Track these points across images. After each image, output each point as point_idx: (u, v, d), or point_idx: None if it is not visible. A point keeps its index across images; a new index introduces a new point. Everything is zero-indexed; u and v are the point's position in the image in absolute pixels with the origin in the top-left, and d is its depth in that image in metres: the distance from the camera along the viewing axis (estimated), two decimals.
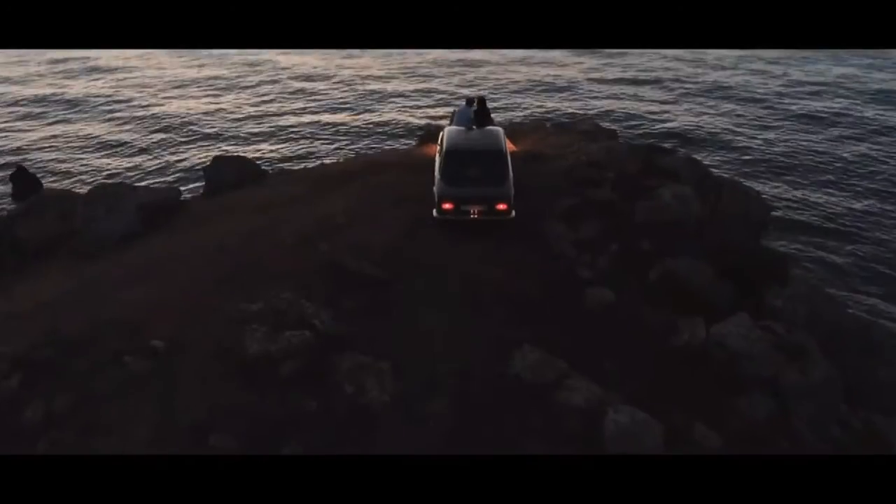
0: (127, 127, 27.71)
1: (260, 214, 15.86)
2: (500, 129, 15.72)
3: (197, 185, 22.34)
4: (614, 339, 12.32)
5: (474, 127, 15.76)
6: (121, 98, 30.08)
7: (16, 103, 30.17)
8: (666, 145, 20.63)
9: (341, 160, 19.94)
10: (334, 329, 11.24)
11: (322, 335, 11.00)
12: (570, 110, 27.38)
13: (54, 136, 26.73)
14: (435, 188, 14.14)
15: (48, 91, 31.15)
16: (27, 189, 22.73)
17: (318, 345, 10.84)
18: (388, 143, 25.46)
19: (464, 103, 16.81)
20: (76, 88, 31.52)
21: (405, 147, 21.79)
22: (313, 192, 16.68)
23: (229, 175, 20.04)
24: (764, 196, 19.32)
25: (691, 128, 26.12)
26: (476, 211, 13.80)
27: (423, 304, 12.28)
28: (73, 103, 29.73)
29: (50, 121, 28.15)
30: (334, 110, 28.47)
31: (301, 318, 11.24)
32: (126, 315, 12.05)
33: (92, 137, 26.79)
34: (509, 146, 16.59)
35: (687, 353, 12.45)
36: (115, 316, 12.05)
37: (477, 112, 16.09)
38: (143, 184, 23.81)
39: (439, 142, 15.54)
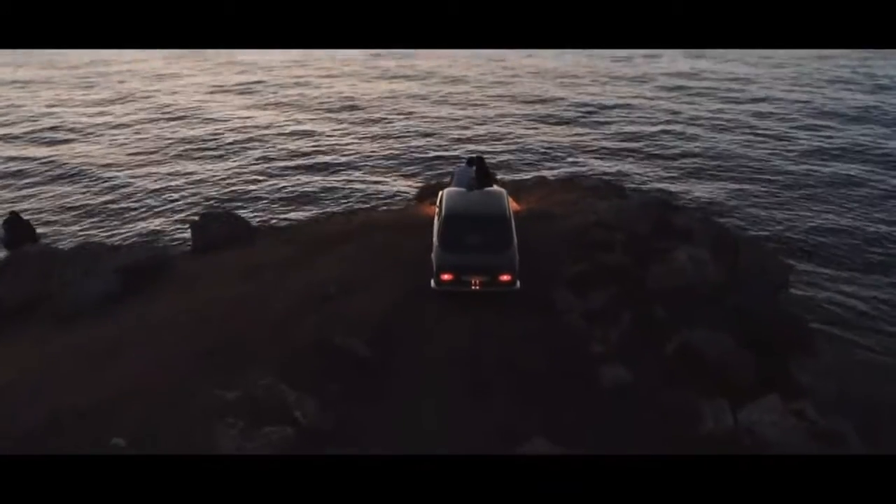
0: (116, 183, 26.84)
1: (246, 280, 14.80)
2: (502, 191, 14.74)
3: (185, 241, 21.33)
4: (632, 426, 11.13)
5: (474, 187, 14.78)
6: (109, 160, 29.23)
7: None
8: (678, 201, 19.63)
9: (335, 218, 18.99)
10: (318, 422, 10.08)
11: (304, 430, 9.81)
12: (574, 168, 26.45)
13: (41, 196, 25.83)
14: (433, 256, 13.08)
15: (32, 152, 30.38)
16: (22, 238, 21.84)
17: (299, 442, 9.65)
18: (384, 199, 24.56)
19: (464, 164, 15.87)
20: (62, 150, 30.72)
21: (402, 204, 20.89)
22: (304, 255, 15.65)
23: (218, 232, 19.09)
24: (780, 253, 18.30)
25: (701, 194, 25.05)
26: (477, 282, 12.72)
27: (419, 387, 11.13)
28: (58, 163, 28.93)
29: (36, 181, 27.28)
30: (328, 165, 27.62)
31: (282, 409, 10.10)
32: (90, 401, 10.87)
33: (79, 195, 25.91)
34: (512, 205, 15.66)
35: (712, 441, 11.24)
36: (79, 403, 10.87)
37: (478, 172, 15.12)
38: (132, 238, 22.98)
39: (438, 203, 14.54)
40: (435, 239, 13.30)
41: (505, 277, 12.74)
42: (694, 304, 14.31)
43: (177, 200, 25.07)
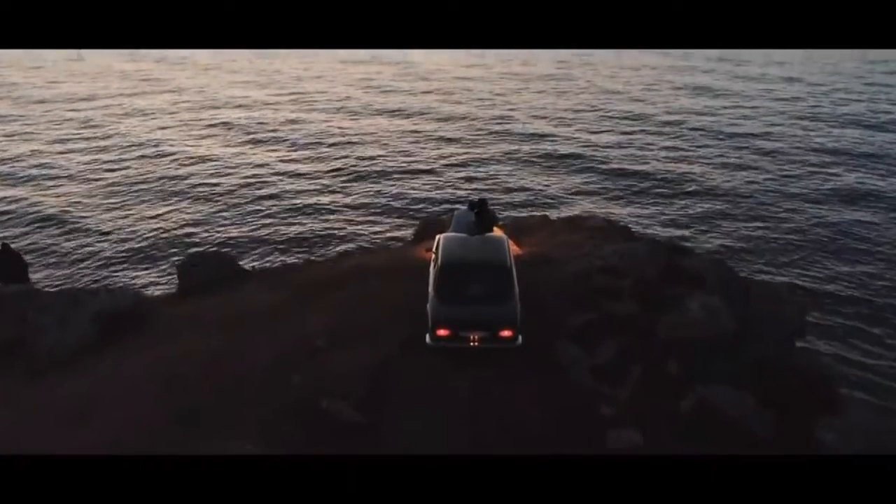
0: (102, 224, 25.96)
1: (229, 329, 13.89)
2: (504, 237, 13.86)
3: (170, 283, 20.46)
4: None
5: (474, 232, 13.93)
6: (95, 200, 28.28)
7: None
8: (685, 242, 18.71)
9: (327, 261, 18.13)
10: None
11: None
12: (576, 208, 25.60)
13: (25, 237, 24.92)
14: (428, 307, 12.15)
15: (17, 192, 29.50)
16: (11, 270, 21.11)
17: None
18: (380, 240, 23.75)
19: (465, 207, 15.05)
20: (49, 189, 29.86)
21: (398, 245, 20.04)
22: (292, 302, 14.77)
23: (205, 274, 18.27)
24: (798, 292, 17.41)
25: (708, 235, 24.10)
26: (476, 338, 11.78)
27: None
28: (44, 204, 28.07)
29: (20, 221, 26.39)
30: (322, 205, 26.76)
31: None
32: None
33: (64, 235, 25.00)
34: (514, 249, 14.83)
35: None
36: None
37: (478, 215, 14.29)
38: (116, 279, 22.13)
39: (435, 248, 13.67)
40: (431, 289, 12.41)
41: (506, 333, 11.82)
42: (708, 356, 13.48)
43: (165, 241, 24.22)
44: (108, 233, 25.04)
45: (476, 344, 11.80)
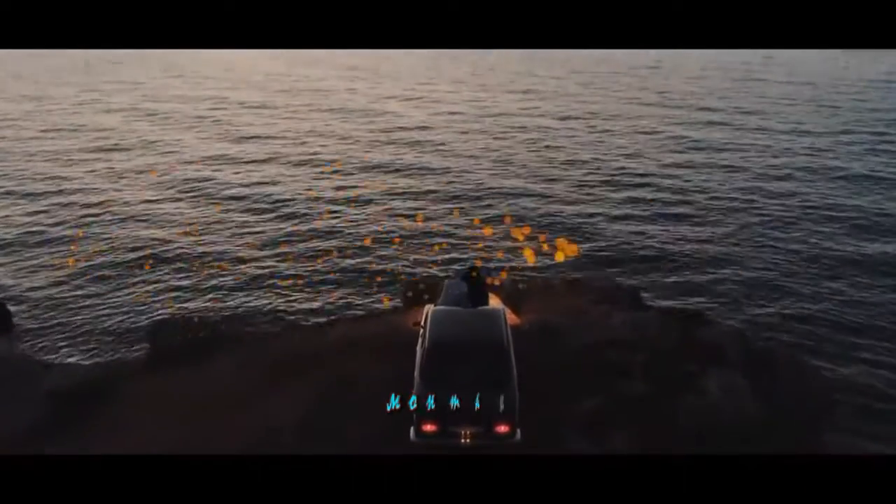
0: (75, 285, 24.48)
1: (193, 418, 12.41)
2: (500, 310, 12.35)
3: (142, 347, 18.95)
4: None
5: (467, 305, 12.48)
6: (68, 260, 26.80)
7: None
8: (702, 303, 17.17)
9: (309, 331, 16.62)
10: None
11: None
12: (579, 268, 24.07)
13: None
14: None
15: None
16: None
17: None
18: (368, 298, 22.29)
19: (459, 278, 13.65)
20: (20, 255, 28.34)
21: (387, 312, 18.52)
22: (263, 384, 13.27)
23: (175, 341, 17.10)
24: (823, 372, 15.90)
25: (726, 274, 22.54)
26: (468, 434, 10.19)
27: None
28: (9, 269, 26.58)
29: None
30: (309, 268, 25.30)
31: None
32: None
33: (37, 294, 23.51)
34: (511, 317, 13.38)
35: None
36: None
37: (471, 287, 12.85)
38: (86, 341, 20.58)
39: (423, 322, 12.17)
40: (416, 373, 10.85)
41: (503, 428, 10.24)
42: (731, 444, 11.96)
43: (138, 305, 22.68)
44: (80, 296, 23.51)
45: (468, 441, 10.21)
